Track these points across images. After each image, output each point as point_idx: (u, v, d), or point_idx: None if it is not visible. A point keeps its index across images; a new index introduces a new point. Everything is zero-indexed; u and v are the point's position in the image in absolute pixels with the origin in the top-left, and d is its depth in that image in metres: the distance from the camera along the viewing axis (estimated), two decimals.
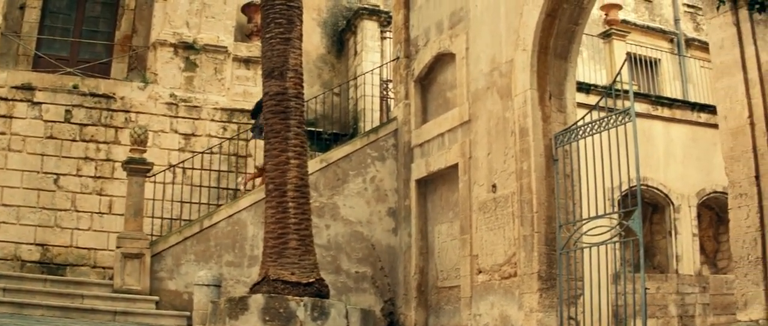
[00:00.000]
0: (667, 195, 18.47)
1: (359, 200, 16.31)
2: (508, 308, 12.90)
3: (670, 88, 21.17)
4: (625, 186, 12.66)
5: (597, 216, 11.59)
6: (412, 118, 16.50)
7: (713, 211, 20.30)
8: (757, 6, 8.95)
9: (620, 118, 11.29)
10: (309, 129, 18.31)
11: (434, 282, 15.63)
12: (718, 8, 9.35)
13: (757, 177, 8.79)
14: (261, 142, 17.14)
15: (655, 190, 18.25)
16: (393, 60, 17.79)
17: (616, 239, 11.64)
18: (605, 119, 11.52)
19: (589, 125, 11.84)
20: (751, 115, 8.97)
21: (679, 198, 18.60)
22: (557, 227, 12.21)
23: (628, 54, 12.17)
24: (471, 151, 14.33)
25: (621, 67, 11.53)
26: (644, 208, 10.83)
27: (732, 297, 18.80)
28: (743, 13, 9.15)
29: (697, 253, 18.83)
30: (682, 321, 18.24)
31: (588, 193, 11.88)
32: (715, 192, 19.26)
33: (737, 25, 9.20)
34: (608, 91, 12.13)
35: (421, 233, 15.94)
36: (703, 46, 22.98)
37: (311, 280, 11.57)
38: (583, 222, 11.88)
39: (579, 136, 12.10)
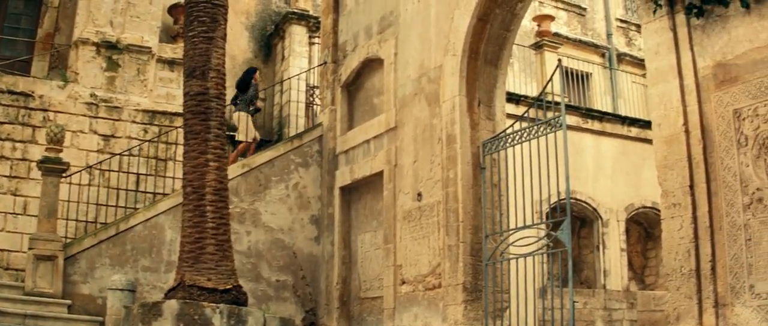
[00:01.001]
0: (595, 209, 18.12)
1: (281, 207, 15.68)
2: (432, 320, 12.37)
3: (601, 103, 20.90)
4: (553, 199, 12.25)
5: (524, 227, 11.13)
6: (338, 124, 15.93)
7: (641, 226, 20.03)
8: (694, 10, 8.56)
9: (550, 127, 10.85)
10: (233, 134, 17.77)
11: (357, 293, 15.06)
12: (654, 12, 8.95)
13: (691, 186, 8.37)
14: (244, 115, 17.25)
15: (584, 204, 17.90)
16: (320, 65, 17.21)
17: (543, 250, 11.19)
18: (535, 127, 11.07)
19: (519, 133, 11.38)
20: (686, 123, 8.56)
21: (607, 213, 18.28)
22: (483, 237, 11.73)
23: (560, 60, 11.67)
24: (397, 158, 13.80)
25: (553, 73, 11.07)
26: (572, 222, 10.39)
27: (660, 313, 18.56)
28: (680, 17, 8.75)
29: (625, 268, 18.51)
30: None
31: (516, 204, 11.40)
32: (644, 207, 19.00)
33: (674, 30, 8.80)
34: (539, 99, 11.69)
35: (344, 242, 15.36)
36: (635, 61, 22.86)
37: (228, 287, 11.05)
38: (510, 232, 11.42)
39: (508, 144, 11.64)
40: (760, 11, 8.03)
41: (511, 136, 11.55)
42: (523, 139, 11.30)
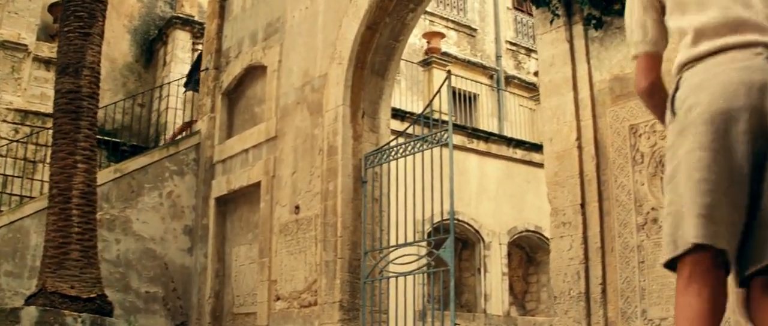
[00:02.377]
0: (478, 231, 17.55)
1: (154, 215, 14.62)
2: None
3: (488, 124, 20.34)
4: (436, 219, 11.58)
5: (406, 244, 10.39)
6: (217, 133, 14.96)
7: (523, 251, 19.56)
8: (593, 22, 7.98)
9: (436, 139, 10.15)
10: (108, 139, 16.69)
11: (230, 308, 14.09)
12: (551, 22, 8.34)
13: (582, 205, 7.76)
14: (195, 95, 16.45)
15: (466, 225, 17.31)
16: (202, 71, 16.21)
17: (425, 269, 10.48)
18: (420, 140, 10.36)
19: (403, 146, 10.66)
20: (579, 138, 7.96)
21: (490, 235, 17.73)
22: (362, 254, 10.96)
23: (449, 72, 11.04)
24: (275, 169, 12.93)
25: (442, 84, 10.38)
26: (454, 243, 9.73)
27: None
28: (578, 29, 8.17)
29: (506, 293, 17.97)
30: None
31: (397, 220, 10.65)
32: (527, 230, 18.54)
33: (570, 41, 8.21)
34: (426, 117, 11.00)
35: (218, 254, 14.39)
36: (523, 84, 22.43)
37: (93, 295, 10.20)
38: (391, 249, 10.66)
39: (391, 157, 10.90)
40: None
41: (395, 149, 10.82)
42: (408, 152, 10.58)
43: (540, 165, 18.73)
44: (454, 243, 9.73)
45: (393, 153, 10.86)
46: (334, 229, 11.14)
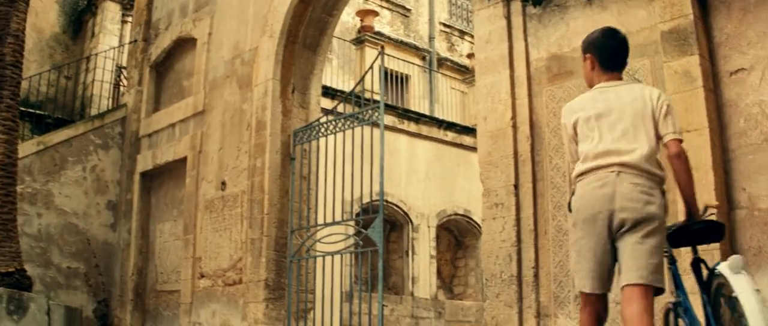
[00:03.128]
0: (406, 213, 17.17)
1: (77, 190, 14.00)
2: (231, 318, 11.09)
3: (419, 106, 19.92)
4: (365, 199, 11.23)
5: (333, 223, 9.98)
6: (144, 106, 14.37)
7: (452, 234, 19.25)
8: None
9: (367, 115, 9.76)
10: (32, 111, 15.98)
11: (153, 285, 13.57)
12: None
13: (516, 185, 7.44)
14: None
15: (395, 207, 16.93)
16: (130, 43, 15.58)
17: (352, 249, 10.09)
18: (351, 117, 9.96)
19: (333, 123, 10.24)
20: (514, 117, 7.63)
21: (418, 218, 17.38)
22: (289, 232, 10.53)
23: (382, 47, 10.64)
24: (202, 144, 12.42)
25: (374, 60, 9.96)
26: (383, 224, 9.37)
27: (468, 323, 17.81)
28: (516, 5, 7.84)
29: (433, 276, 17.64)
30: None
31: (325, 199, 10.24)
32: (456, 214, 18.21)
33: (508, 18, 7.87)
34: (356, 94, 10.60)
35: (142, 230, 13.83)
36: (455, 67, 22.08)
37: (11, 270, 9.85)
38: (318, 228, 10.25)
39: (321, 134, 10.47)
40: (603, 3, 7.19)
41: (325, 125, 10.40)
42: (338, 129, 10.17)
43: (471, 149, 18.51)
44: (383, 224, 9.36)
45: (323, 129, 10.44)
46: (261, 206, 10.70)
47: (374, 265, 10.82)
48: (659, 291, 4.13)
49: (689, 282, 4.43)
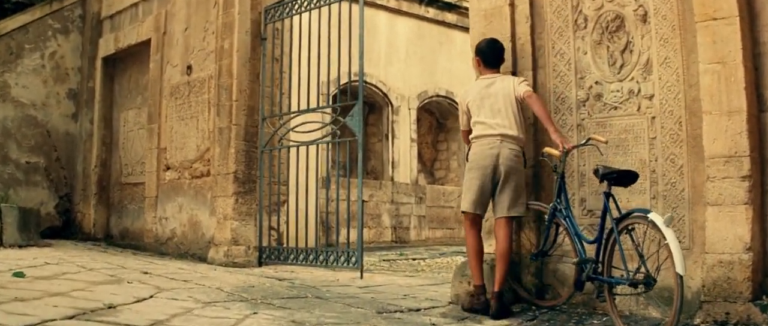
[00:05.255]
0: (386, 95, 16.16)
1: (35, 79, 12.87)
2: (198, 213, 10.19)
3: None
4: (343, 80, 10.17)
5: (308, 110, 8.98)
6: None
7: (434, 116, 18.25)
8: None
9: None
10: None
11: (118, 178, 12.62)
12: None
13: (514, 73, 6.43)
14: None
15: (374, 88, 15.91)
16: None
17: (329, 139, 9.12)
18: None
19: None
20: None
21: (399, 99, 16.37)
22: (260, 120, 9.53)
23: None
24: (167, 24, 11.29)
25: None
26: (362, 108, 8.40)
27: (450, 209, 17.00)
28: None
29: (414, 160, 16.73)
30: (396, 232, 16.19)
31: (300, 84, 9.17)
32: (438, 96, 17.19)
33: None
34: None
35: (105, 120, 12.83)
36: None
37: None
38: (292, 115, 9.23)
39: (294, 11, 9.35)
40: None
41: (299, 1, 9.28)
42: (313, 6, 9.06)
43: (453, 27, 17.46)
44: (362, 110, 8.37)
45: (297, 6, 9.31)
46: (229, 93, 9.67)
47: (353, 153, 9.81)
48: (519, 218, 6.14)
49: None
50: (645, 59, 5.78)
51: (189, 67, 10.61)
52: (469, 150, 6.21)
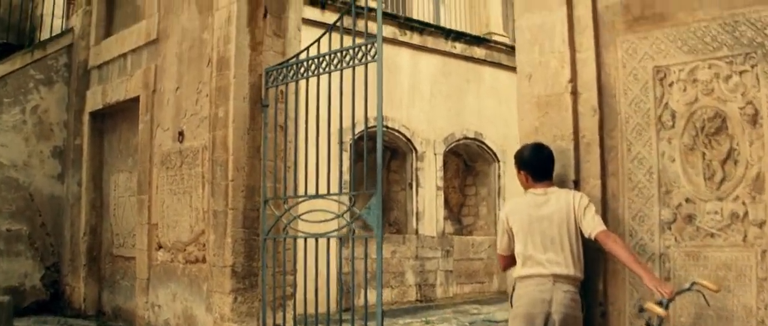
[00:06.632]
0: (409, 140, 14.57)
1: (16, 137, 11.43)
2: (194, 305, 8.72)
3: (421, 8, 16.95)
4: (359, 127, 8.63)
5: (317, 196, 7.42)
6: (93, 30, 11.70)
7: (461, 158, 16.64)
8: None
9: (360, 55, 7.09)
10: None
11: (109, 248, 11.18)
12: None
13: (576, 182, 4.93)
14: None
15: (397, 133, 14.34)
16: None
17: (343, 232, 7.59)
18: (339, 53, 7.30)
19: (316, 60, 7.58)
20: (574, 79, 5.13)
21: (423, 144, 14.79)
22: (262, 202, 7.99)
23: None
24: (157, 81, 9.83)
25: None
26: (382, 153, 6.79)
27: (479, 262, 15.50)
28: None
29: (440, 210, 15.14)
30: (421, 291, 14.64)
31: (307, 154, 7.62)
32: (466, 138, 15.59)
33: None
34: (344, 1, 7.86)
35: (94, 182, 11.40)
36: None
37: None
38: (299, 200, 7.69)
39: (301, 76, 7.82)
40: None
41: (306, 64, 7.74)
42: (324, 70, 7.51)
43: (482, 62, 15.91)
44: (381, 199, 6.83)
45: (303, 69, 7.78)
46: (225, 170, 8.18)
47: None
48: None
49: None
50: (754, 173, 4.33)
51: (181, 134, 9.12)
52: (513, 292, 5.00)
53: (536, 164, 4.96)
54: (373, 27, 6.97)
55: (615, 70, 4.90)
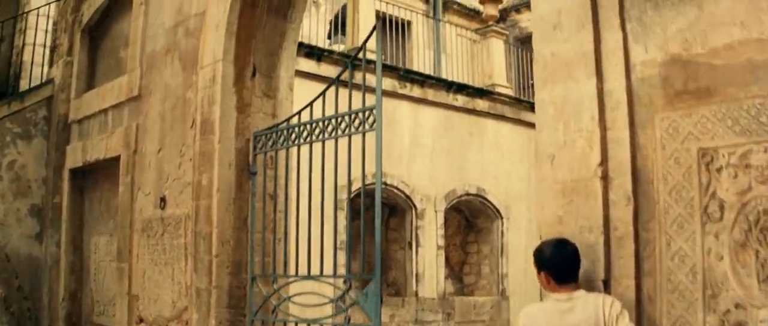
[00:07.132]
0: (409, 197, 13.97)
1: None
2: None
3: (422, 58, 16.44)
4: (356, 184, 7.96)
5: (309, 277, 6.72)
6: (74, 82, 11.04)
7: (462, 215, 15.99)
8: None
9: (357, 123, 6.42)
10: None
11: (90, 315, 10.43)
12: None
13: (606, 282, 4.26)
14: None
15: (395, 190, 13.74)
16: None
17: (339, 315, 6.87)
18: (334, 120, 6.63)
19: (308, 126, 6.93)
20: (604, 162, 4.42)
21: (423, 201, 14.16)
22: (249, 280, 7.29)
23: (378, 14, 7.25)
24: (138, 141, 9.14)
25: (369, 35, 6.48)
26: (381, 210, 6.13)
27: (481, 323, 14.81)
28: None
29: (441, 270, 14.47)
30: None
31: (299, 224, 6.94)
32: (468, 194, 14.97)
33: None
34: (345, 55, 7.17)
35: (73, 244, 10.64)
36: (464, 11, 18.62)
37: None
38: (290, 280, 6.99)
39: (292, 143, 7.15)
40: None
41: (299, 129, 7.07)
42: (317, 137, 6.85)
43: (485, 114, 15.30)
44: (380, 288, 6.13)
45: (295, 136, 7.12)
46: (208, 244, 7.47)
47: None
48: None
49: None
50: None
51: (163, 199, 8.43)
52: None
53: (559, 264, 4.32)
54: (371, 80, 6.33)
55: (653, 151, 4.22)
